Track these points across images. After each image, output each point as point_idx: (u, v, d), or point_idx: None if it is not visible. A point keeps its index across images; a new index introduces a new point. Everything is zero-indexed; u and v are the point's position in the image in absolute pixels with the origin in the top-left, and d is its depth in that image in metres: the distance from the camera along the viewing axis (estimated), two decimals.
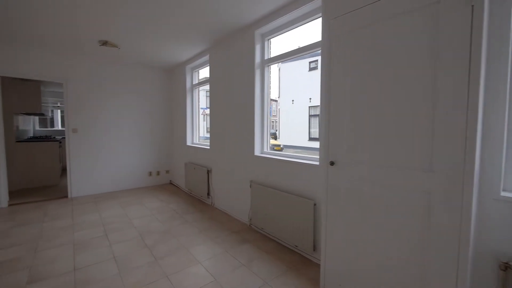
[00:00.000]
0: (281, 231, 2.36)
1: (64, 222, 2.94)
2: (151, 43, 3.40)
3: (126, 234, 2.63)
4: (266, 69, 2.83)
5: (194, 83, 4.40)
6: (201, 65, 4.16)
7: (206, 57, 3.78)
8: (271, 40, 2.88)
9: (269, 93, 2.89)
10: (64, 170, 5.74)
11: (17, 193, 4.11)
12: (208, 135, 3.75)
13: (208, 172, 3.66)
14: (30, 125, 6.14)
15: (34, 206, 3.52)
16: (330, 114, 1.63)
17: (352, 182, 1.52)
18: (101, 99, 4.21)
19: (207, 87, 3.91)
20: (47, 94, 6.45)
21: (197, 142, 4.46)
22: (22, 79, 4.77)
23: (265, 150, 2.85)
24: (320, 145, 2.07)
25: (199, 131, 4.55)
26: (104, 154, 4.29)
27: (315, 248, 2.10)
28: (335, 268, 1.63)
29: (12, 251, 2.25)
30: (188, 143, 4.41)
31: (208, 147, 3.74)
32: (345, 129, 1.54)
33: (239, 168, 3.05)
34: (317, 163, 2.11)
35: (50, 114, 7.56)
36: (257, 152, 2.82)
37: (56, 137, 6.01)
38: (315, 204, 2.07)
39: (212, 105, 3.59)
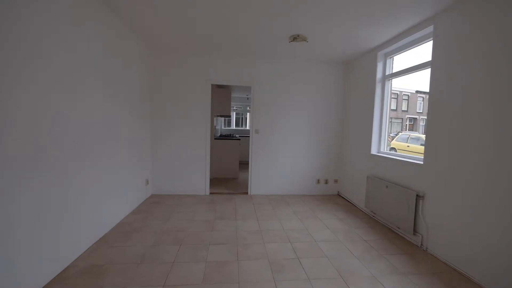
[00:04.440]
0: None
1: (252, 225, 2.91)
2: (340, 27, 2.75)
3: (320, 266, 2.09)
4: None
5: (387, 73, 3.35)
6: (406, 47, 3.02)
7: (423, 32, 2.62)
8: None
9: None
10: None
11: (211, 182, 4.94)
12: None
13: (418, 197, 2.52)
14: (219, 125, 7.61)
15: (225, 198, 3.93)
16: None
17: None
18: (276, 101, 4.16)
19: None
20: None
21: (385, 151, 3.40)
22: (218, 86, 5.79)
23: None
24: None
25: (387, 137, 3.46)
26: (277, 155, 4.24)
27: None
28: None
29: (220, 251, 2.30)
30: (373, 151, 3.44)
31: (420, 162, 2.58)
32: None
33: None
34: None
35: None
36: None
37: (235, 135, 7.01)
38: None
39: (435, 101, 2.39)
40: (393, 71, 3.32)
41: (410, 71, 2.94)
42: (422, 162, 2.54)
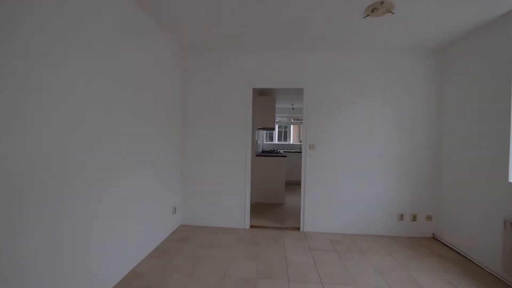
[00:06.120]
0: None
1: None
2: None
3: None
4: None
5: None
6: None
7: None
8: None
9: None
10: None
11: (252, 209, 4.03)
12: None
13: None
14: (261, 139, 6.81)
15: (271, 237, 2.95)
16: None
17: None
18: (337, 106, 3.14)
19: None
20: None
21: None
22: (260, 93, 5.01)
23: None
24: None
25: None
26: (340, 179, 3.14)
27: None
28: None
29: None
30: None
31: None
32: None
33: None
34: None
35: None
36: None
37: (279, 151, 6.08)
38: None
39: None
40: None
41: None
42: None
